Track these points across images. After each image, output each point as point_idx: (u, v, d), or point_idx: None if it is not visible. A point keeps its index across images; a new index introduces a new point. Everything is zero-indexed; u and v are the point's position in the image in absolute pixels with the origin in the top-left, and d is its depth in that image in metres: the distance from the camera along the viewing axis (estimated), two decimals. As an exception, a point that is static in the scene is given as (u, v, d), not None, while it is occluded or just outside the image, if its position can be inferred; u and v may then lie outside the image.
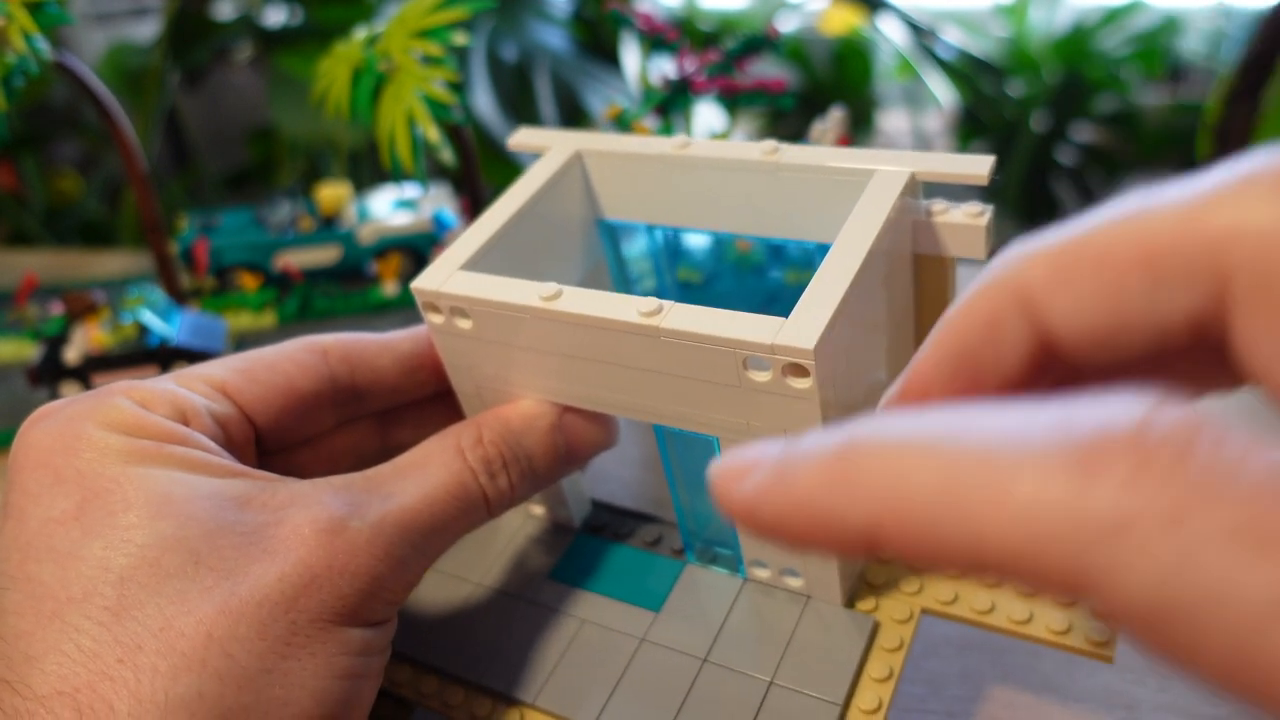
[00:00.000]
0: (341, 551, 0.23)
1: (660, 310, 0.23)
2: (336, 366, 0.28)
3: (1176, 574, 0.11)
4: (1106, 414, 0.12)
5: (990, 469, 0.12)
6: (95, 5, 1.54)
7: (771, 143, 0.28)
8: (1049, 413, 0.12)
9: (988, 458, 0.12)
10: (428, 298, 0.26)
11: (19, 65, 0.38)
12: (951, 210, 0.27)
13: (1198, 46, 1.40)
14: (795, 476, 0.14)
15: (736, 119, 0.44)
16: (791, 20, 1.53)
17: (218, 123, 1.63)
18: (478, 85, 1.04)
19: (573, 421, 0.28)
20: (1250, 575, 0.10)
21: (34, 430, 0.24)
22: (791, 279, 0.35)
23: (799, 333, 0.21)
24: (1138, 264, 0.14)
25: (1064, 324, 0.15)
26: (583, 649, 0.27)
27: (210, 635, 0.21)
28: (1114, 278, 0.15)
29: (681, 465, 0.28)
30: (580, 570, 0.30)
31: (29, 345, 0.51)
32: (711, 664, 0.26)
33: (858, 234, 0.24)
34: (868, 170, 0.26)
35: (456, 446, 0.26)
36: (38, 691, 0.20)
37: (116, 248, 1.10)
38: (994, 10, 1.50)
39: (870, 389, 0.26)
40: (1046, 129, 1.44)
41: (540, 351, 0.26)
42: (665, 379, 0.24)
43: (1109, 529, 0.11)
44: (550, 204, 0.30)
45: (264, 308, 0.54)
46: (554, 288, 0.25)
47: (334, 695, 0.22)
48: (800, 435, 0.15)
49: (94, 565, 0.21)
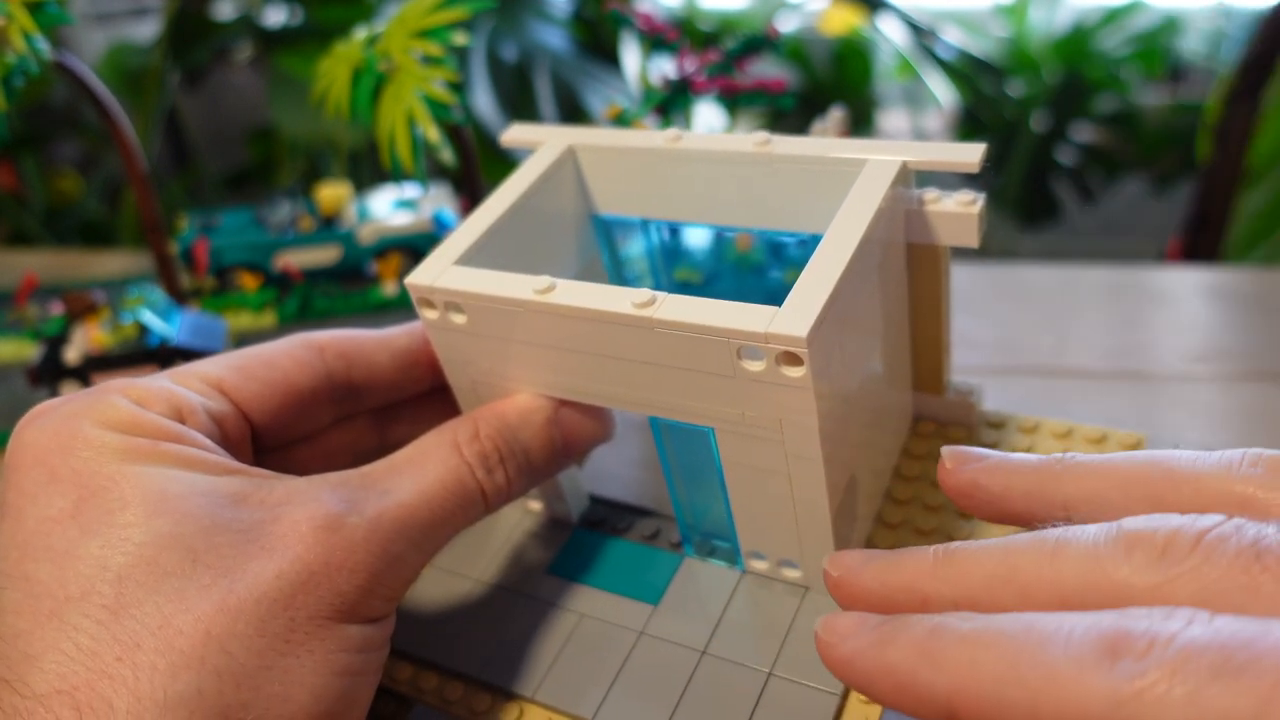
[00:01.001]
0: (339, 548, 0.23)
1: (654, 301, 0.23)
2: (333, 363, 0.28)
3: (1185, 716, 0.14)
4: (1127, 618, 0.16)
5: (1045, 659, 0.16)
6: (95, 5, 1.54)
7: (763, 134, 0.28)
8: (1087, 620, 0.16)
9: (1044, 650, 0.16)
10: (422, 293, 0.26)
11: (19, 65, 0.38)
12: (944, 199, 0.27)
13: (1198, 46, 1.40)
14: (890, 646, 0.18)
15: (736, 119, 0.45)
16: (791, 20, 1.53)
17: (218, 123, 1.63)
18: (478, 85, 1.04)
19: (569, 415, 0.28)
20: (1230, 699, 0.14)
21: (30, 428, 0.24)
22: (791, 278, 0.35)
23: (792, 321, 0.22)
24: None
25: None
26: (581, 643, 0.27)
27: (209, 633, 0.21)
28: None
29: (678, 458, 0.28)
30: (578, 565, 0.30)
31: (29, 345, 0.51)
32: (710, 656, 0.26)
33: (850, 223, 0.24)
34: (859, 160, 0.26)
35: (453, 442, 0.26)
36: (36, 690, 0.20)
37: (116, 248, 1.10)
38: (994, 10, 1.50)
39: (865, 379, 0.26)
40: (1046, 129, 1.44)
41: (535, 345, 0.26)
42: (660, 371, 0.24)
43: (1132, 695, 0.15)
44: (544, 199, 0.30)
45: (264, 308, 0.54)
46: (548, 281, 0.25)
47: (333, 692, 0.22)
48: (896, 615, 0.19)
49: (91, 564, 0.21)
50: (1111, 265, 0.60)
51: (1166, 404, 0.47)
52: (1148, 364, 0.50)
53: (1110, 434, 0.30)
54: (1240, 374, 0.49)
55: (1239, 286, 0.58)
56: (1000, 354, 0.52)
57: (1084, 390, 0.49)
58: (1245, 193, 0.98)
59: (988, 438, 0.31)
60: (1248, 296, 0.57)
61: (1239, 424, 0.46)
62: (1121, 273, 0.59)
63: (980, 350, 0.52)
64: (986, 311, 0.56)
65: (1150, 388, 0.49)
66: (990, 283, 0.59)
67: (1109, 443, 0.30)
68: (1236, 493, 0.18)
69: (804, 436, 0.23)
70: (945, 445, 0.23)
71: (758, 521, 0.27)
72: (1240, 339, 0.52)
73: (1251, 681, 0.14)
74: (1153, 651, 0.15)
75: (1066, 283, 0.59)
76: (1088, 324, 0.54)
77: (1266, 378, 0.49)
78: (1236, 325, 0.54)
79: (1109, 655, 0.15)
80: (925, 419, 0.32)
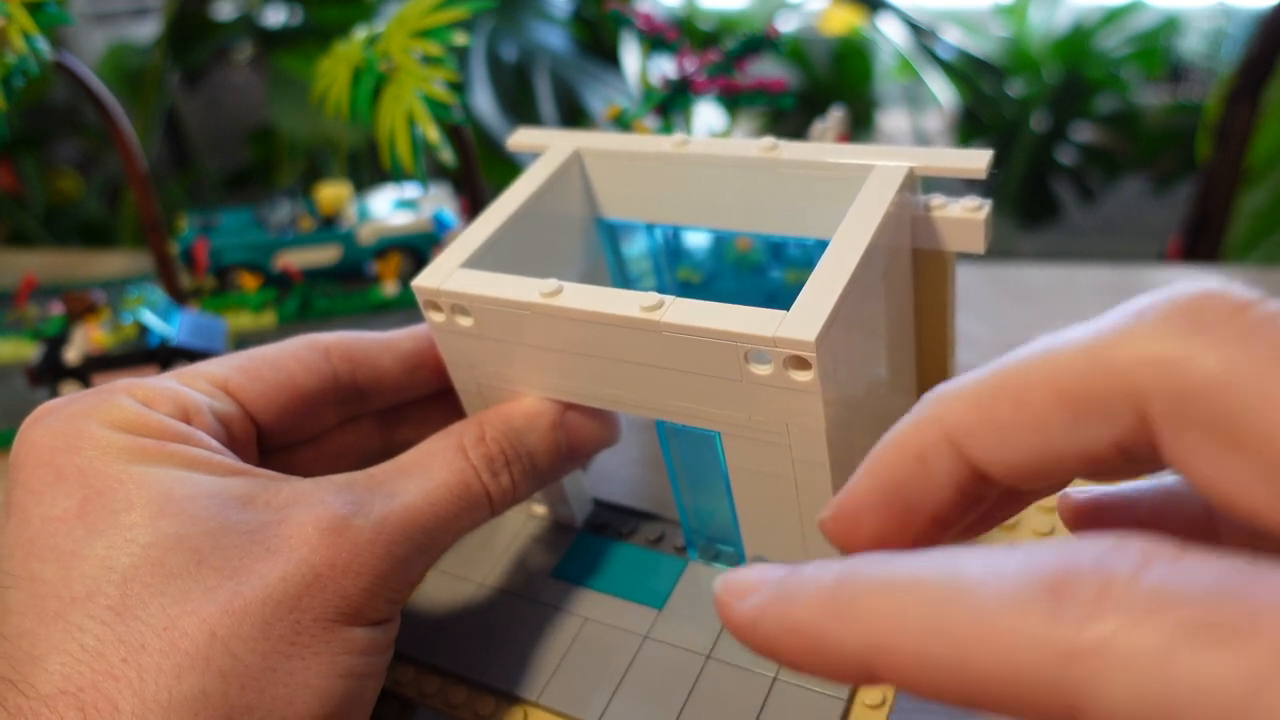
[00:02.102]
0: (344, 550, 0.23)
1: (661, 305, 0.23)
2: (338, 365, 0.28)
3: (1151, 682, 0.11)
4: (1070, 551, 0.13)
5: (973, 604, 0.13)
6: (95, 5, 1.54)
7: (770, 139, 0.28)
8: (1019, 554, 0.13)
9: (971, 594, 0.13)
10: (428, 295, 0.26)
11: (19, 65, 0.38)
12: (950, 205, 0.27)
13: (1198, 46, 1.40)
14: (794, 601, 0.15)
15: (736, 119, 0.44)
16: (791, 20, 1.53)
17: (218, 123, 1.63)
18: (478, 85, 1.04)
19: (574, 418, 0.28)
20: (1215, 669, 0.11)
21: (35, 428, 0.24)
22: (791, 278, 0.35)
23: (800, 325, 0.21)
24: (1055, 402, 0.15)
25: (992, 462, 0.16)
26: (586, 647, 0.27)
27: (214, 634, 0.21)
28: (1033, 417, 0.16)
29: (683, 462, 0.28)
30: (583, 569, 0.30)
31: (29, 345, 0.51)
32: (715, 660, 0.26)
33: (857, 229, 0.24)
34: (866, 165, 0.26)
35: (459, 445, 0.26)
36: (41, 691, 0.20)
37: (116, 248, 1.10)
38: (994, 10, 1.50)
39: (870, 385, 0.26)
40: (1046, 129, 1.44)
41: (541, 348, 0.26)
42: (666, 374, 0.24)
43: (1083, 649, 0.12)
44: (549, 203, 0.30)
45: (264, 308, 0.54)
46: (555, 284, 0.25)
47: (337, 694, 0.22)
48: (800, 564, 0.16)
49: (97, 564, 0.21)
50: (1111, 265, 0.60)
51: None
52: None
53: None
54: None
55: (1239, 287, 0.58)
56: (1000, 354, 0.52)
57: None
58: (1245, 193, 0.99)
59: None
60: (1248, 297, 0.56)
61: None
62: (1121, 273, 0.59)
63: (980, 350, 0.52)
64: (986, 311, 0.56)
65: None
66: (990, 282, 0.59)
67: None
68: None
69: (810, 441, 0.23)
70: None
71: (763, 526, 0.27)
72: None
73: (1245, 646, 0.11)
74: (1111, 594, 0.12)
75: (1066, 282, 0.59)
76: (1088, 325, 0.54)
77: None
78: (1237, 326, 0.54)
79: (1051, 597, 0.12)
80: None
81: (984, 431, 0.16)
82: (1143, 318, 0.15)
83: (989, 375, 0.16)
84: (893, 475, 0.17)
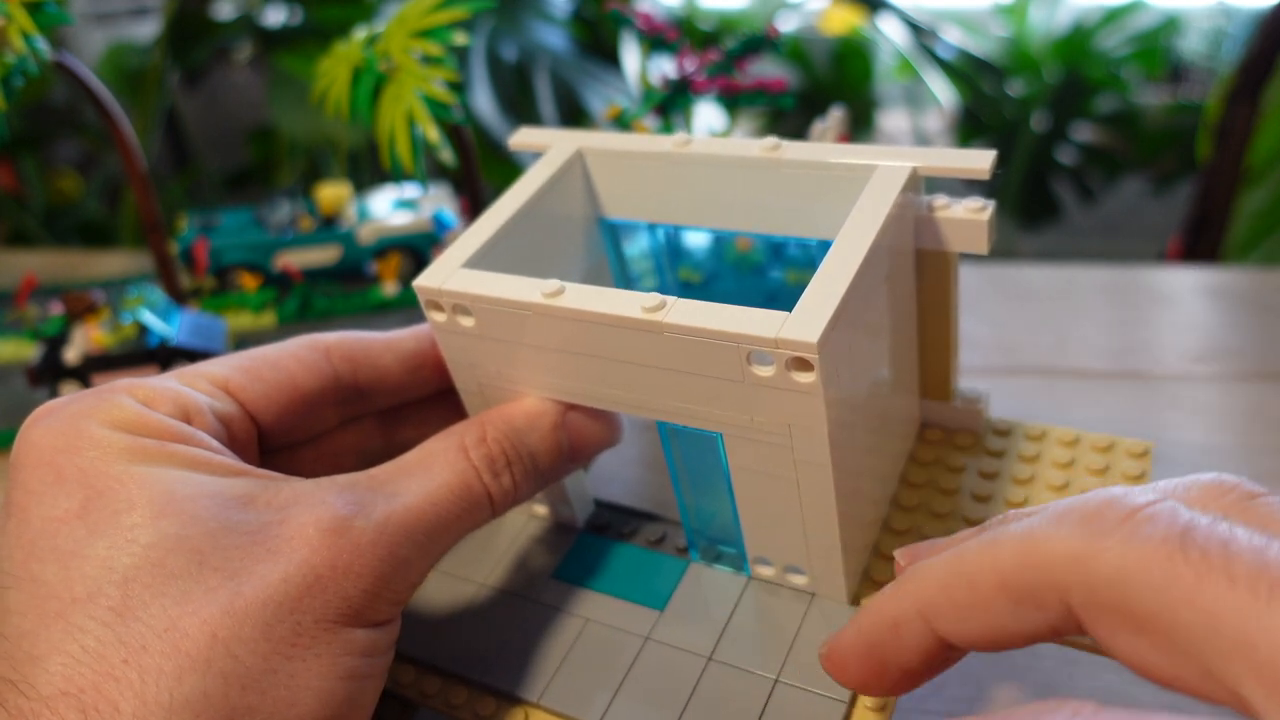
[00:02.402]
0: (345, 551, 0.23)
1: (663, 305, 0.23)
2: (339, 365, 0.28)
3: None
4: None
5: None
6: (95, 5, 1.54)
7: (772, 139, 0.28)
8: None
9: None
10: (430, 295, 0.26)
11: (19, 65, 0.38)
12: (953, 205, 0.27)
13: (1198, 46, 1.40)
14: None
15: (736, 119, 0.44)
16: (791, 20, 1.53)
17: (218, 123, 1.63)
18: (478, 85, 1.04)
19: (576, 419, 0.28)
20: None
21: (36, 428, 0.24)
22: (792, 278, 0.35)
23: (803, 326, 0.21)
24: (998, 590, 0.18)
25: (953, 634, 0.19)
26: (587, 648, 0.27)
27: (215, 636, 0.21)
28: (983, 600, 0.19)
29: (685, 462, 0.28)
30: (584, 569, 0.30)
31: (29, 345, 0.51)
32: (716, 662, 0.26)
33: (860, 229, 0.24)
34: (869, 166, 0.26)
35: (460, 445, 0.26)
36: (42, 692, 0.20)
37: (116, 248, 1.10)
38: (994, 10, 1.50)
39: (873, 386, 0.26)
40: (1046, 129, 1.44)
41: (543, 349, 0.26)
42: (668, 375, 0.24)
43: None
44: (551, 203, 0.30)
45: (264, 308, 0.54)
46: (556, 284, 0.25)
47: (338, 696, 0.22)
48: None
49: (98, 565, 0.21)
50: (1111, 265, 0.60)
51: (1166, 404, 0.47)
52: (1148, 364, 0.50)
53: (1118, 442, 0.30)
54: (1240, 374, 0.49)
55: (1239, 286, 0.58)
56: (1000, 354, 0.52)
57: (1084, 390, 0.48)
58: (1245, 193, 0.99)
59: (994, 444, 0.31)
60: (1247, 296, 0.57)
61: (1239, 424, 0.46)
62: (1121, 273, 0.59)
63: (980, 350, 0.52)
64: (986, 311, 0.56)
65: (1150, 388, 0.49)
66: (990, 283, 0.59)
67: (1116, 450, 0.30)
68: None
69: (813, 442, 0.23)
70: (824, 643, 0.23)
71: (764, 527, 0.27)
72: (1240, 339, 0.52)
73: None
74: None
75: (1066, 283, 0.59)
76: (1088, 324, 0.54)
77: (1266, 378, 0.49)
78: (1236, 325, 0.54)
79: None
80: (933, 426, 0.32)
81: (946, 609, 0.19)
82: (1063, 521, 0.18)
83: (953, 557, 0.19)
84: (871, 637, 0.21)
